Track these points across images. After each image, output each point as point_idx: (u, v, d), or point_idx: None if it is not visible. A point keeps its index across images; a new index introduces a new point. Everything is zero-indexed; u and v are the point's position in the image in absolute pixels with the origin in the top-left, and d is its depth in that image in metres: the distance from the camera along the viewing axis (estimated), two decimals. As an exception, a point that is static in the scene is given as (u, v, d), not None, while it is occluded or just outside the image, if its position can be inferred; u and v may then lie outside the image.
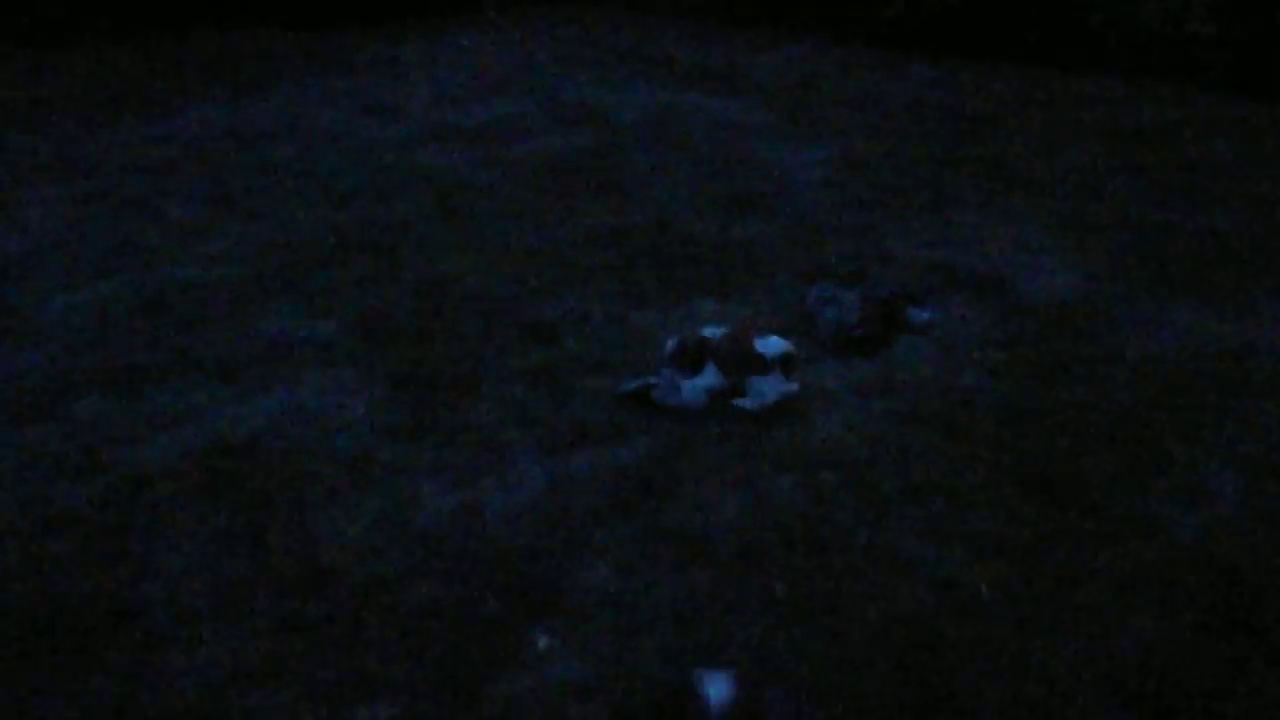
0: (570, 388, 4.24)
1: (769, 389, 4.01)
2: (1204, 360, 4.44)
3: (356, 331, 4.75)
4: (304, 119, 8.47)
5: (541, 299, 5.05)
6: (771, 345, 4.02)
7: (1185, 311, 4.88)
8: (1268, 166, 7.07)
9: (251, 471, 3.72)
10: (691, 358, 4.05)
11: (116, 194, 6.67)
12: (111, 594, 3.13)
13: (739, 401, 4.02)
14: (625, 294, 5.09)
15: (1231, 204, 6.31)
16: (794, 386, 4.06)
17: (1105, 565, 3.22)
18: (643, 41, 11.71)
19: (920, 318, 4.74)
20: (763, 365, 4.00)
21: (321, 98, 9.18)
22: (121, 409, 4.15)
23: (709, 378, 4.04)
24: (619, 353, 4.51)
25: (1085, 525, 3.39)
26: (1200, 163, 7.14)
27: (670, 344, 4.10)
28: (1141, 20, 10.03)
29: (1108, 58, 10.01)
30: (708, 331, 4.12)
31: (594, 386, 4.25)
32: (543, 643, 2.91)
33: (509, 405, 4.12)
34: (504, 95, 9.22)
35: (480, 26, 12.68)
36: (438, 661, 2.87)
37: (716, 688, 2.48)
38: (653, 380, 4.11)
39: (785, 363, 4.02)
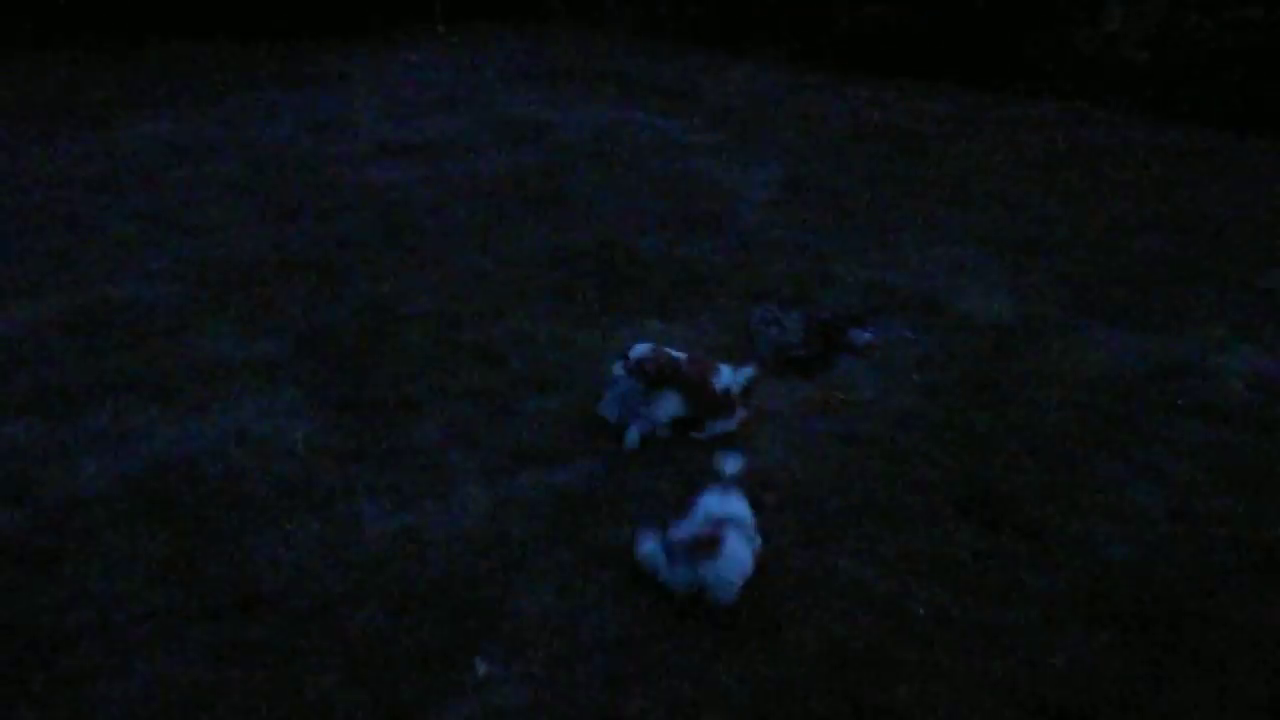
0: (514, 408, 4.24)
1: (730, 422, 4.05)
2: (1133, 380, 4.56)
3: (299, 352, 4.70)
4: (247, 134, 8.38)
5: (486, 319, 5.04)
6: (727, 376, 4.01)
7: (1116, 331, 5.02)
8: (1198, 189, 7.30)
9: (189, 496, 3.66)
10: (655, 376, 3.91)
11: (52, 209, 6.53)
12: (41, 622, 3.07)
13: (696, 434, 4.04)
14: (570, 314, 5.11)
15: (1162, 226, 6.50)
16: (748, 413, 4.09)
17: (1038, 584, 3.29)
18: (591, 59, 11.76)
19: (861, 339, 4.82)
20: (728, 407, 4.01)
21: (266, 112, 9.08)
22: (54, 432, 4.07)
23: (674, 406, 3.98)
24: (563, 373, 4.52)
25: (1019, 545, 3.47)
26: (1132, 185, 7.35)
27: (638, 351, 3.91)
28: (1077, 46, 10.31)
29: (1044, 82, 10.26)
30: (675, 354, 3.99)
31: (538, 407, 4.26)
32: (483, 669, 2.91)
33: (452, 426, 4.11)
34: (451, 112, 9.20)
35: (429, 42, 12.65)
36: (377, 689, 2.85)
37: (731, 461, 3.28)
38: (612, 414, 4.07)
39: (746, 391, 4.05)
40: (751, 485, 3.70)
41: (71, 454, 3.92)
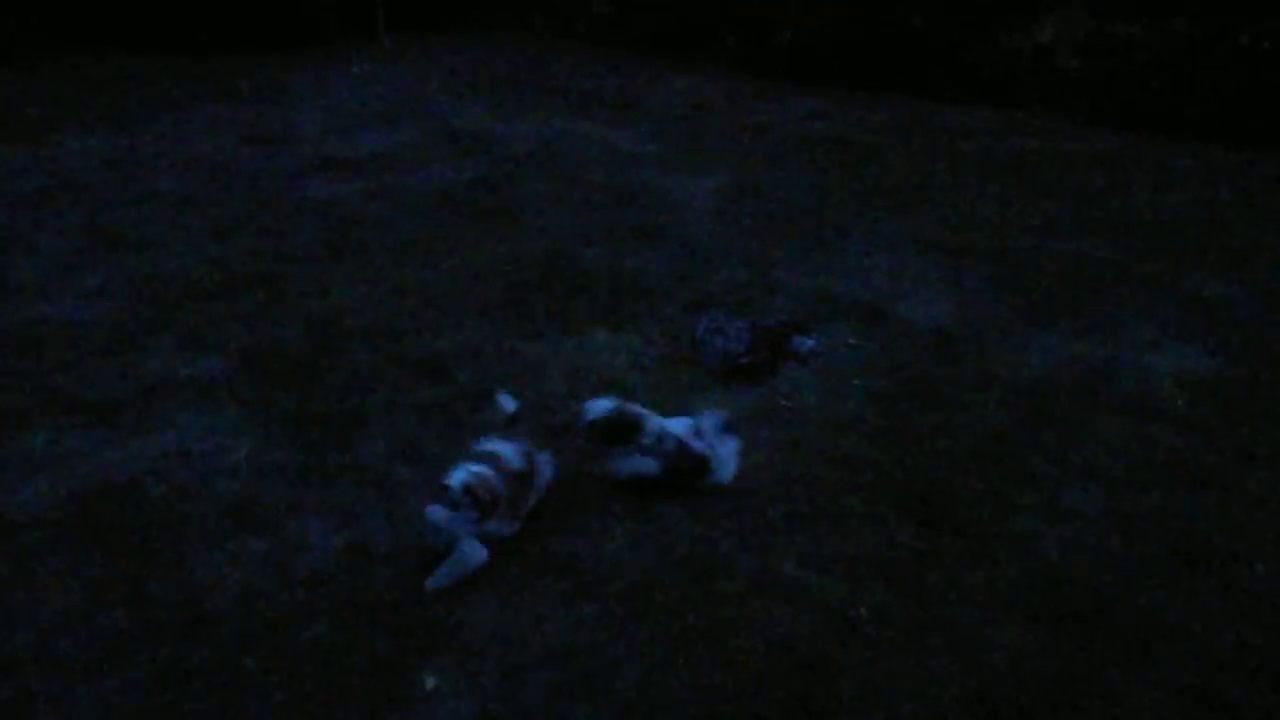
0: (461, 423, 4.24)
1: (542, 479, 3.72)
2: (1069, 381, 4.68)
3: (241, 369, 4.66)
4: (186, 148, 8.27)
5: (432, 333, 5.03)
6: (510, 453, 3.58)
7: (1052, 334, 5.15)
8: (1129, 193, 7.50)
9: (129, 517, 3.61)
10: (489, 503, 3.38)
11: (-15, 227, 6.41)
12: (-23, 651, 3.02)
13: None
14: (517, 326, 5.12)
15: (1096, 230, 6.67)
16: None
17: (976, 583, 3.37)
18: (536, 70, 11.79)
19: (805, 346, 4.89)
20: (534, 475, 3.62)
21: (205, 126, 8.98)
22: (-11, 455, 3.99)
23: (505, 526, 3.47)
24: (511, 386, 4.52)
25: (957, 545, 3.55)
26: (1067, 191, 7.53)
27: (458, 478, 3.34)
28: (1011, 56, 10.55)
29: (982, 91, 10.49)
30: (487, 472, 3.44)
31: (485, 420, 4.25)
32: (431, 683, 2.91)
33: (398, 442, 4.10)
34: (395, 124, 9.17)
35: (372, 54, 12.58)
36: (325, 706, 2.84)
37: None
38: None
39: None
40: (698, 493, 3.76)
41: (8, 476, 3.85)
